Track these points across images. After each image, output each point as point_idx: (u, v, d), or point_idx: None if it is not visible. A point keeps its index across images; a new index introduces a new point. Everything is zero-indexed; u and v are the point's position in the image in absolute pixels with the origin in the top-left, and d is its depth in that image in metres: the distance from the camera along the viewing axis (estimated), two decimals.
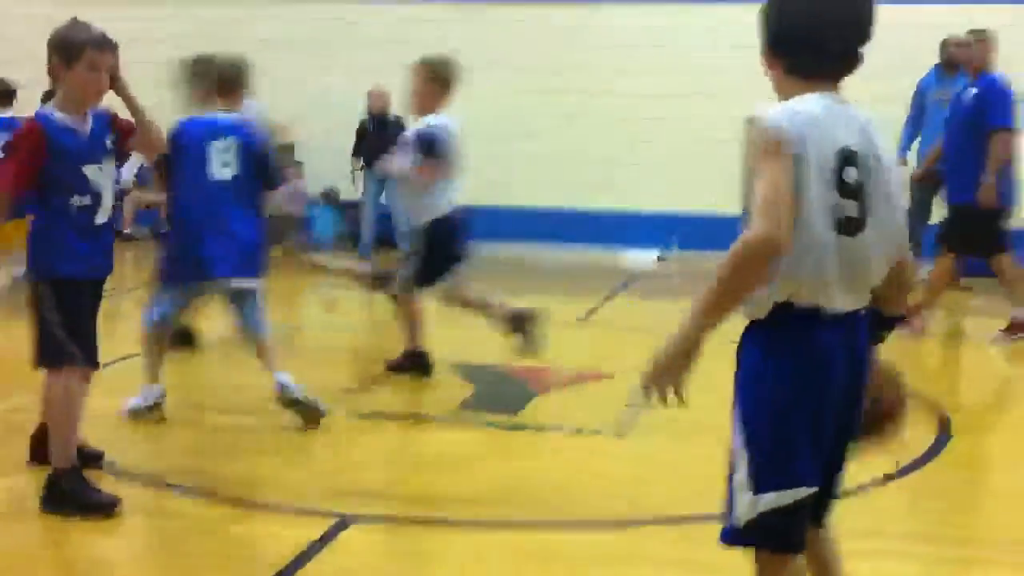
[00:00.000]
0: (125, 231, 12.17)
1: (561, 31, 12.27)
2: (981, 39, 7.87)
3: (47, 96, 5.25)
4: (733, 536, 2.59)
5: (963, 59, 8.36)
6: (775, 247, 2.36)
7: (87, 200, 4.13)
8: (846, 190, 2.47)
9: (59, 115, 4.12)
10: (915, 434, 4.85)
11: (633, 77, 12.07)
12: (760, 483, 2.52)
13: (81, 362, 4.12)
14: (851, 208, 2.48)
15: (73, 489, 4.08)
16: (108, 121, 4.24)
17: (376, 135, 11.24)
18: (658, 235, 12.01)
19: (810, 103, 2.51)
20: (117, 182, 4.41)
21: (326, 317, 9.37)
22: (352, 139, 11.84)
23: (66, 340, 4.06)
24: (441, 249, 6.08)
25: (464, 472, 4.86)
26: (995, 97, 7.53)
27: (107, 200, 4.20)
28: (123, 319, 7.25)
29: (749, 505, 2.53)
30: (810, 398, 2.51)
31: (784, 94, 2.58)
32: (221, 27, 12.84)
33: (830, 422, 2.55)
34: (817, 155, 2.44)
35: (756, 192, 2.39)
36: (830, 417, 2.55)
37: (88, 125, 4.15)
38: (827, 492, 2.67)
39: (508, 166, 11.94)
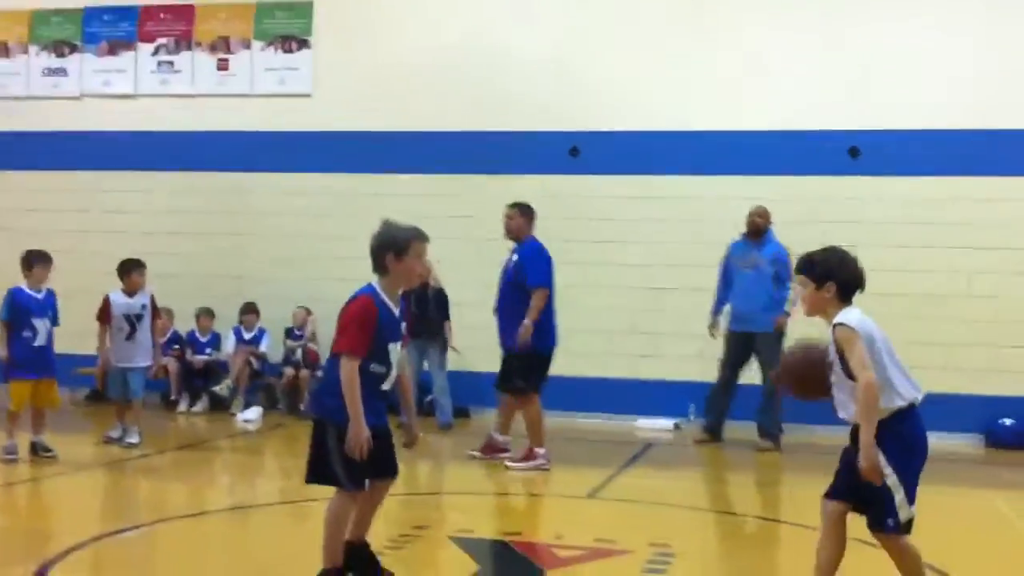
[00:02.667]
0: None
1: (571, 200, 12.23)
2: (510, 214, 9.17)
3: None
4: (899, 528, 4.44)
5: (760, 226, 10.40)
6: (877, 383, 4.37)
7: (383, 369, 4.90)
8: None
9: (384, 296, 4.90)
10: None
11: (646, 246, 12.03)
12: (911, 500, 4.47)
13: (348, 487, 4.83)
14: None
15: None
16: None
17: (417, 308, 11.17)
18: (675, 403, 11.71)
19: (855, 311, 4.56)
20: None
21: None
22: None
23: (339, 470, 4.79)
24: None
25: None
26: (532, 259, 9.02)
27: (394, 372, 4.96)
28: None
29: (907, 511, 4.44)
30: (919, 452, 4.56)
31: (823, 308, 4.60)
32: (230, 196, 13.07)
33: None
34: (872, 333, 4.49)
35: (854, 361, 4.41)
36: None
37: (398, 308, 4.97)
38: None
39: None
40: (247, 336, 12.45)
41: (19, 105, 13.70)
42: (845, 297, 4.59)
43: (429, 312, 11.25)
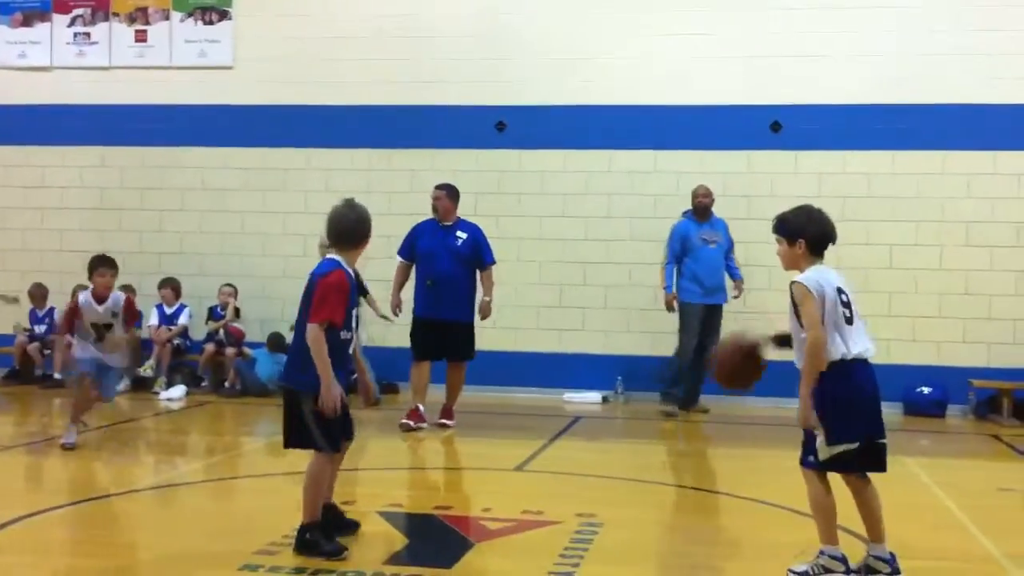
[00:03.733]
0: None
1: (498, 175, 12.22)
2: (438, 195, 9.61)
3: None
4: (818, 464, 4.88)
5: (708, 205, 10.87)
6: (823, 341, 4.82)
7: (348, 335, 5.33)
8: (844, 304, 4.94)
9: (348, 269, 5.36)
10: None
11: (571, 221, 12.07)
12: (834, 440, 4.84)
13: (327, 449, 5.31)
14: (847, 312, 4.93)
15: (316, 539, 5.20)
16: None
17: None
18: (603, 377, 11.79)
19: (816, 270, 4.96)
20: None
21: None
22: (286, 285, 11.57)
23: (317, 435, 5.24)
24: None
25: None
26: (485, 239, 9.67)
27: (355, 338, 5.42)
28: None
29: (826, 451, 4.82)
30: (859, 399, 4.93)
31: (798, 264, 5.01)
32: (149, 172, 12.83)
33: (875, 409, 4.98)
34: (824, 292, 4.88)
35: (804, 318, 4.84)
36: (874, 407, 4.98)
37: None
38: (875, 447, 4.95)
39: None
40: (168, 312, 12.27)
41: None
42: (816, 252, 5.00)
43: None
